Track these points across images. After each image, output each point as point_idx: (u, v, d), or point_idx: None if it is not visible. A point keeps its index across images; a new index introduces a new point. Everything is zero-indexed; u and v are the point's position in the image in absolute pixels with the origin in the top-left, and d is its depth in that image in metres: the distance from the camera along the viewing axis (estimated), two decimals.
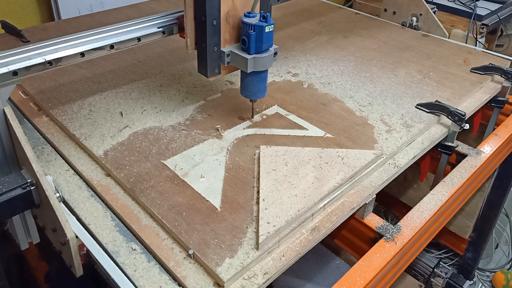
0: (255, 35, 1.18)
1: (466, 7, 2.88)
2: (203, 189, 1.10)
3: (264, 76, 1.28)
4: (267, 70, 1.27)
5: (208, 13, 1.15)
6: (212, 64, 1.24)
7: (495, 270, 2.56)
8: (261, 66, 1.22)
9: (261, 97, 1.32)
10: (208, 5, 1.14)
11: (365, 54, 1.82)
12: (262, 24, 1.16)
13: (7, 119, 1.03)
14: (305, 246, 1.01)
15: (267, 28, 1.17)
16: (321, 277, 1.72)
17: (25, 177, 1.02)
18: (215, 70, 1.25)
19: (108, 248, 0.98)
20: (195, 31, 1.21)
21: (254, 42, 1.19)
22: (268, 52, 1.22)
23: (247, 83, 1.28)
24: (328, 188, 1.10)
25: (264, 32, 1.17)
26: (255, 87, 1.28)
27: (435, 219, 1.22)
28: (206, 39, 1.18)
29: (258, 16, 1.18)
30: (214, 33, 1.19)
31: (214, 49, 1.21)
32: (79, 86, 1.50)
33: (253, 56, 1.20)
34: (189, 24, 1.20)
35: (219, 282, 0.90)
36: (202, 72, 1.26)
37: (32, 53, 1.06)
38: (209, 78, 1.25)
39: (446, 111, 1.42)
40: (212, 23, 1.17)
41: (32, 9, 2.02)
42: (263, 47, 1.20)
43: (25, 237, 1.18)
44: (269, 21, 1.17)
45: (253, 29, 1.17)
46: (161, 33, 1.27)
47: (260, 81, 1.28)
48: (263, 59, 1.21)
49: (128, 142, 1.25)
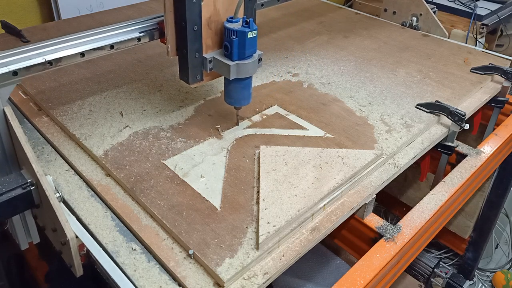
0: (238, 41, 1.14)
1: (466, 7, 2.88)
2: (203, 189, 1.10)
3: (248, 83, 1.24)
4: (251, 76, 1.23)
5: (189, 19, 1.12)
6: (194, 70, 1.20)
7: (495, 270, 2.56)
8: (245, 73, 1.19)
9: (246, 104, 1.28)
10: (189, 10, 1.11)
11: (365, 54, 1.82)
12: (245, 30, 1.13)
13: (7, 119, 1.03)
14: (305, 246, 1.01)
15: (250, 33, 1.13)
16: (321, 277, 1.72)
17: (25, 177, 1.02)
18: (197, 77, 1.22)
19: (108, 248, 0.98)
20: (176, 36, 1.18)
21: (236, 48, 1.15)
22: (251, 58, 1.18)
23: (230, 90, 1.24)
24: (328, 188, 1.10)
25: (247, 38, 1.14)
26: (239, 94, 1.24)
27: (435, 219, 1.22)
28: (187, 45, 1.15)
29: (241, 21, 1.15)
30: (195, 39, 1.16)
31: (195, 55, 1.18)
32: (79, 86, 1.50)
33: (236, 63, 1.16)
34: (170, 29, 1.16)
35: (219, 282, 0.90)
36: (184, 78, 1.22)
37: (32, 53, 1.06)
38: (191, 85, 1.22)
39: (446, 111, 1.42)
40: (193, 28, 1.14)
41: (32, 9, 2.02)
42: (246, 53, 1.16)
43: (25, 237, 1.18)
44: (252, 26, 1.13)
45: (236, 34, 1.13)
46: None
47: (244, 88, 1.24)
48: (246, 65, 1.18)
49: (128, 142, 1.25)
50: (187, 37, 1.14)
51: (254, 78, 1.60)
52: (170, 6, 1.13)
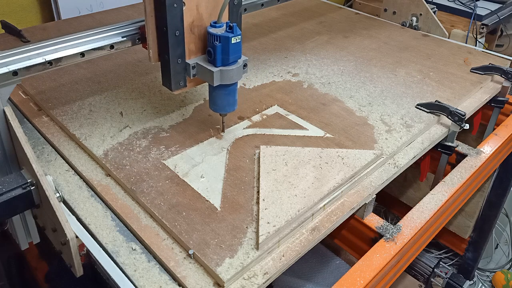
0: (221, 46, 1.11)
1: (466, 7, 2.88)
2: (203, 189, 1.10)
3: (233, 90, 1.20)
4: (237, 83, 1.20)
5: (170, 23, 1.08)
6: (177, 76, 1.17)
7: (495, 270, 2.56)
8: (229, 79, 1.15)
9: (231, 111, 1.25)
10: (169, 14, 1.07)
11: (365, 54, 1.82)
12: (228, 35, 1.09)
13: (7, 119, 1.03)
14: (305, 246, 1.01)
15: (234, 39, 1.10)
16: (321, 277, 1.72)
17: (25, 177, 1.02)
18: (180, 83, 1.19)
19: (108, 248, 0.98)
20: (158, 42, 1.14)
21: (220, 54, 1.12)
22: (236, 64, 1.15)
23: (214, 97, 1.21)
24: (328, 188, 1.11)
25: (231, 43, 1.10)
26: (224, 101, 1.21)
27: (435, 219, 1.22)
28: (169, 50, 1.12)
29: (225, 26, 1.12)
30: (178, 45, 1.12)
31: (178, 61, 1.15)
32: (79, 86, 1.50)
33: (219, 69, 1.13)
34: (151, 34, 1.13)
35: (219, 282, 0.90)
36: (166, 85, 1.19)
37: (32, 53, 1.06)
38: (174, 91, 1.19)
39: (446, 111, 1.42)
40: (175, 33, 1.10)
41: (32, 9, 2.02)
42: (230, 59, 1.13)
43: (25, 237, 1.18)
44: (236, 31, 1.10)
45: (219, 40, 1.10)
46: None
47: (229, 95, 1.20)
48: (230, 71, 1.14)
49: (128, 142, 1.25)
50: (168, 43, 1.11)
51: (255, 78, 1.60)
52: (151, 10, 1.09)
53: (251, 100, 1.47)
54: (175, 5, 1.07)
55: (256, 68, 1.67)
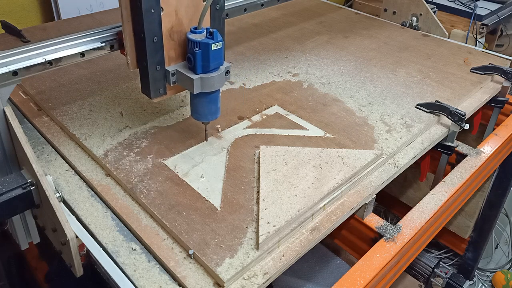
0: (201, 53, 1.07)
1: (466, 7, 2.88)
2: (203, 189, 1.10)
3: (215, 97, 1.16)
4: (219, 90, 1.16)
5: (147, 29, 1.04)
6: (156, 84, 1.13)
7: (495, 270, 2.56)
8: (210, 86, 1.11)
9: (214, 119, 1.21)
10: (146, 20, 1.03)
11: (365, 54, 1.82)
12: (208, 42, 1.05)
13: (7, 119, 1.03)
14: (305, 246, 1.01)
15: (214, 45, 1.06)
16: (321, 277, 1.72)
17: (25, 177, 1.02)
18: (159, 91, 1.15)
19: (108, 248, 0.98)
20: (135, 48, 1.10)
21: (200, 60, 1.08)
22: (217, 71, 1.10)
23: (196, 105, 1.17)
24: (328, 188, 1.11)
25: (211, 50, 1.06)
26: (205, 109, 1.16)
27: (435, 219, 1.22)
28: (147, 57, 1.08)
29: (205, 32, 1.08)
30: (156, 51, 1.09)
31: (157, 68, 1.11)
32: (79, 86, 1.50)
33: (200, 76, 1.09)
34: (128, 40, 1.09)
35: (219, 282, 0.90)
36: (145, 92, 1.15)
37: (32, 53, 1.06)
38: (153, 99, 1.15)
39: (446, 111, 1.42)
40: (153, 40, 1.06)
41: (32, 9, 2.02)
42: (210, 66, 1.08)
43: (25, 237, 1.18)
44: (217, 38, 1.06)
45: (198, 46, 1.06)
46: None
47: (210, 103, 1.16)
48: (211, 79, 1.10)
49: (128, 142, 1.25)
50: (146, 49, 1.07)
51: (255, 78, 1.60)
52: (128, 16, 1.05)
53: (251, 100, 1.47)
54: (152, 11, 1.04)
55: (256, 68, 1.67)
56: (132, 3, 1.04)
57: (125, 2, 1.04)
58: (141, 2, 1.01)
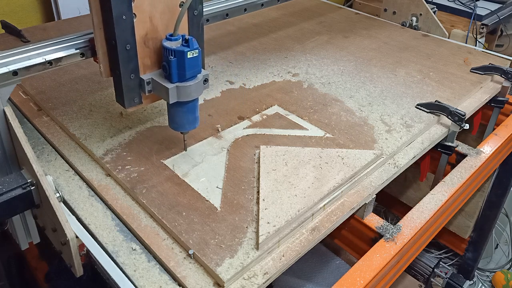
0: (176, 61, 1.02)
1: (466, 7, 2.88)
2: (203, 189, 1.10)
3: (192, 107, 1.11)
4: (197, 99, 1.11)
5: (119, 37, 1.00)
6: (130, 93, 1.08)
7: (495, 270, 2.56)
8: (186, 96, 1.06)
9: (192, 129, 1.17)
10: (118, 27, 0.98)
11: (365, 54, 1.82)
12: (183, 49, 1.01)
13: (7, 119, 1.03)
14: (305, 246, 1.01)
15: (190, 53, 1.01)
16: (321, 277, 1.72)
17: (25, 177, 1.02)
18: (134, 100, 1.10)
19: (108, 248, 0.98)
20: (108, 56, 1.05)
21: (175, 69, 1.03)
22: (195, 79, 1.06)
23: (173, 115, 1.12)
24: (328, 188, 1.10)
25: (186, 58, 1.01)
26: (183, 118, 1.12)
27: (435, 219, 1.22)
28: (119, 65, 1.03)
29: (181, 39, 1.04)
30: (129, 59, 1.04)
31: (131, 76, 1.06)
32: (79, 86, 1.50)
33: (175, 85, 1.04)
34: (101, 48, 1.04)
35: (219, 282, 0.90)
36: (120, 101, 1.10)
37: (32, 53, 1.06)
38: (127, 109, 1.11)
39: (446, 111, 1.42)
40: (125, 47, 1.02)
41: (32, 9, 2.02)
42: (186, 74, 1.04)
43: (25, 237, 1.18)
44: (192, 45, 1.01)
45: (173, 54, 1.02)
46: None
47: (187, 112, 1.11)
48: (188, 88, 1.05)
49: (128, 142, 1.25)
50: (119, 57, 1.02)
51: (255, 78, 1.60)
52: (99, 22, 1.01)
53: (251, 100, 1.47)
54: (124, 17, 0.99)
55: (256, 68, 1.67)
56: (102, 9, 1.00)
57: (96, 8, 1.00)
58: (111, 8, 0.96)
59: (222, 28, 1.98)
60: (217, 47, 1.81)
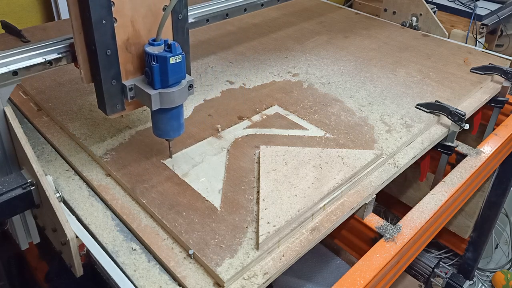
0: (159, 67, 0.99)
1: (466, 7, 2.88)
2: (203, 189, 1.10)
3: (176, 113, 1.08)
4: (182, 105, 1.08)
5: (99, 42, 0.97)
6: (112, 99, 1.05)
7: (495, 270, 2.56)
8: (170, 102, 1.03)
9: (177, 136, 1.13)
10: (98, 32, 0.95)
11: (365, 54, 1.82)
12: (166, 55, 0.98)
13: (7, 119, 1.03)
14: (305, 246, 1.01)
15: (172, 59, 0.99)
16: (321, 277, 1.72)
17: (25, 177, 1.02)
18: (116, 106, 1.07)
19: (108, 248, 0.98)
20: (89, 61, 1.02)
21: (158, 75, 1.00)
22: (178, 85, 1.03)
23: (156, 121, 1.09)
24: (328, 188, 1.11)
25: (169, 63, 0.99)
26: (166, 125, 1.09)
27: (435, 219, 1.22)
28: (100, 71, 1.00)
29: (164, 45, 1.01)
30: (110, 65, 1.01)
31: (112, 82, 1.03)
32: (79, 85, 1.50)
33: (158, 91, 1.01)
34: (81, 53, 1.01)
35: (219, 282, 0.90)
36: (101, 108, 1.07)
37: (32, 53, 1.06)
38: (109, 116, 1.08)
39: (446, 111, 1.42)
40: (106, 52, 0.99)
41: (32, 9, 2.02)
42: (169, 80, 1.01)
43: (25, 237, 1.18)
44: (175, 51, 0.99)
45: (156, 60, 0.99)
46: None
47: (171, 119, 1.08)
48: (171, 94, 1.02)
49: (128, 142, 1.25)
50: (99, 63, 0.99)
51: (255, 78, 1.60)
52: (79, 27, 0.98)
53: (251, 100, 1.47)
54: (104, 22, 0.96)
55: (256, 68, 1.67)
56: (82, 13, 0.97)
57: (75, 13, 0.97)
58: (90, 13, 0.94)
59: (222, 28, 1.98)
60: (217, 47, 1.81)
